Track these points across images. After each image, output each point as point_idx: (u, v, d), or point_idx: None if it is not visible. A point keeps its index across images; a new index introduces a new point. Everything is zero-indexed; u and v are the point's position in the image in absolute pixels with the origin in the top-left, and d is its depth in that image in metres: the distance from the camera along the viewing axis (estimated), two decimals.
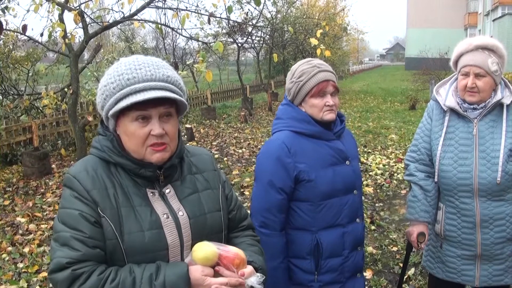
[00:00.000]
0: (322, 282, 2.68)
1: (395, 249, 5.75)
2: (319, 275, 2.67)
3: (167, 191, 1.91)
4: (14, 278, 5.23)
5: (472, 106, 2.94)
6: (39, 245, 6.06)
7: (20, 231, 6.60)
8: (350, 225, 2.71)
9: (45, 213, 7.36)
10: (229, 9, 8.36)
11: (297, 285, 2.71)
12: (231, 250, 1.81)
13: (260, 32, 20.96)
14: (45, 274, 5.26)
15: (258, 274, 1.84)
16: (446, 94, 3.07)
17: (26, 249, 5.95)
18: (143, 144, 1.80)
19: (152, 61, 1.84)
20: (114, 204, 1.78)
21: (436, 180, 3.07)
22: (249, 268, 1.84)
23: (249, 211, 2.65)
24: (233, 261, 1.78)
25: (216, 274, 1.77)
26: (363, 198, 3.07)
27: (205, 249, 1.76)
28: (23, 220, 7.00)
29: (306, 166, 2.60)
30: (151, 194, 1.86)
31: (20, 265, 5.52)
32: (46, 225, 6.78)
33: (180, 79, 1.89)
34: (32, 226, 6.75)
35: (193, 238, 1.88)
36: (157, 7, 9.02)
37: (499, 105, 2.94)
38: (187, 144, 2.20)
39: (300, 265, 2.69)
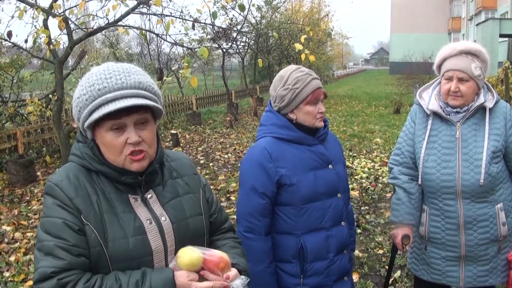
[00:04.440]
0: (308, 286, 2.71)
1: (381, 252, 5.79)
2: (304, 279, 2.70)
3: (149, 196, 1.91)
4: (0, 287, 5.19)
5: (455, 110, 2.99)
6: (25, 254, 6.02)
7: (6, 240, 6.55)
8: (334, 228, 2.74)
9: (30, 221, 7.31)
10: (214, 15, 8.37)
11: None
12: (216, 254, 1.81)
13: (245, 37, 20.99)
14: (31, 282, 5.22)
15: (243, 276, 1.86)
16: (429, 98, 3.11)
17: (12, 258, 5.90)
18: (120, 153, 1.80)
19: (123, 68, 1.83)
20: (98, 211, 1.77)
21: (419, 182, 3.10)
22: (234, 271, 1.84)
23: (235, 217, 2.68)
24: (218, 264, 1.79)
25: (201, 278, 1.77)
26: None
27: (190, 254, 1.77)
28: (8, 228, 6.95)
29: (287, 170, 2.64)
30: (133, 200, 1.86)
31: (6, 274, 5.48)
32: (32, 233, 6.72)
33: (153, 83, 1.87)
34: (17, 235, 6.70)
35: (177, 243, 1.88)
36: (142, 13, 9.02)
37: (481, 108, 2.98)
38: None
39: (286, 269, 2.72)
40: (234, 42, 20.91)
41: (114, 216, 1.79)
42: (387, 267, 4.47)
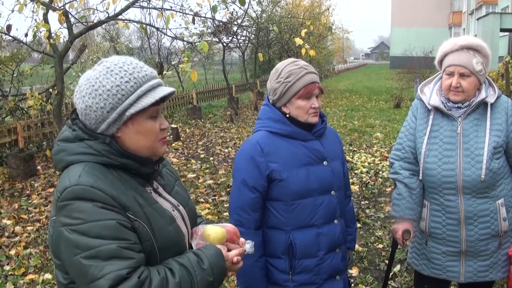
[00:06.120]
0: (296, 282, 2.70)
1: (380, 246, 5.80)
2: (293, 275, 2.69)
3: (156, 187, 1.97)
4: (0, 281, 5.20)
5: (456, 105, 2.98)
6: (25, 248, 6.02)
7: (6, 234, 6.56)
8: (326, 226, 2.70)
9: (31, 215, 7.31)
10: (214, 9, 8.37)
11: (273, 285, 2.73)
12: (231, 226, 2.03)
13: (245, 31, 20.98)
14: (31, 276, 5.23)
15: (248, 240, 2.05)
16: (430, 93, 3.11)
17: (12, 252, 5.91)
18: (157, 139, 1.86)
19: (140, 61, 1.88)
20: (139, 206, 1.78)
21: (420, 177, 3.10)
22: (242, 238, 2.05)
23: None
24: (237, 234, 2.01)
25: None
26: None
27: (219, 231, 1.94)
28: (9, 222, 6.96)
29: (279, 165, 2.61)
30: (149, 192, 1.90)
31: (7, 267, 5.49)
32: (32, 227, 6.74)
33: None
34: (18, 228, 6.71)
35: (191, 226, 2.03)
36: (142, 7, 9.01)
37: (483, 103, 2.98)
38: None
39: (276, 265, 2.71)
40: (235, 36, 20.91)
41: (150, 208, 1.83)
42: (386, 262, 4.48)
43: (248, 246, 2.02)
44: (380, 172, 9.26)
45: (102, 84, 1.77)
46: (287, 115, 2.67)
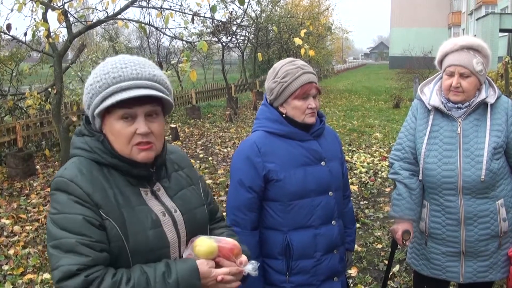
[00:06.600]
0: (293, 284, 2.68)
1: (379, 246, 5.79)
2: (290, 276, 2.68)
3: (157, 189, 1.94)
4: None
5: (456, 105, 2.97)
6: (24, 247, 6.01)
7: (5, 233, 6.55)
8: (323, 227, 2.69)
9: (29, 215, 7.30)
10: (213, 9, 8.36)
11: (270, 285, 2.72)
12: (229, 241, 1.89)
13: (244, 31, 20.97)
14: (30, 276, 5.22)
15: (253, 261, 1.92)
16: (430, 93, 3.10)
17: (11, 251, 5.89)
18: (128, 143, 1.81)
19: (138, 60, 1.85)
20: (116, 206, 1.77)
21: (420, 178, 3.09)
22: (244, 257, 1.91)
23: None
24: (233, 251, 1.87)
25: (217, 265, 1.83)
26: None
27: (208, 244, 1.83)
28: (7, 221, 6.94)
29: (276, 165, 2.60)
30: (144, 193, 1.88)
31: (5, 267, 5.47)
32: (31, 227, 6.73)
33: (166, 78, 1.89)
34: (16, 228, 6.69)
35: (187, 234, 1.93)
36: (141, 6, 9.01)
37: (483, 104, 2.97)
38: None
39: (273, 265, 2.70)
40: (234, 36, 20.90)
41: (131, 210, 1.80)
42: (386, 262, 4.48)
43: (251, 267, 1.88)
44: (379, 172, 9.26)
45: (87, 82, 1.85)
46: (284, 115, 2.66)
